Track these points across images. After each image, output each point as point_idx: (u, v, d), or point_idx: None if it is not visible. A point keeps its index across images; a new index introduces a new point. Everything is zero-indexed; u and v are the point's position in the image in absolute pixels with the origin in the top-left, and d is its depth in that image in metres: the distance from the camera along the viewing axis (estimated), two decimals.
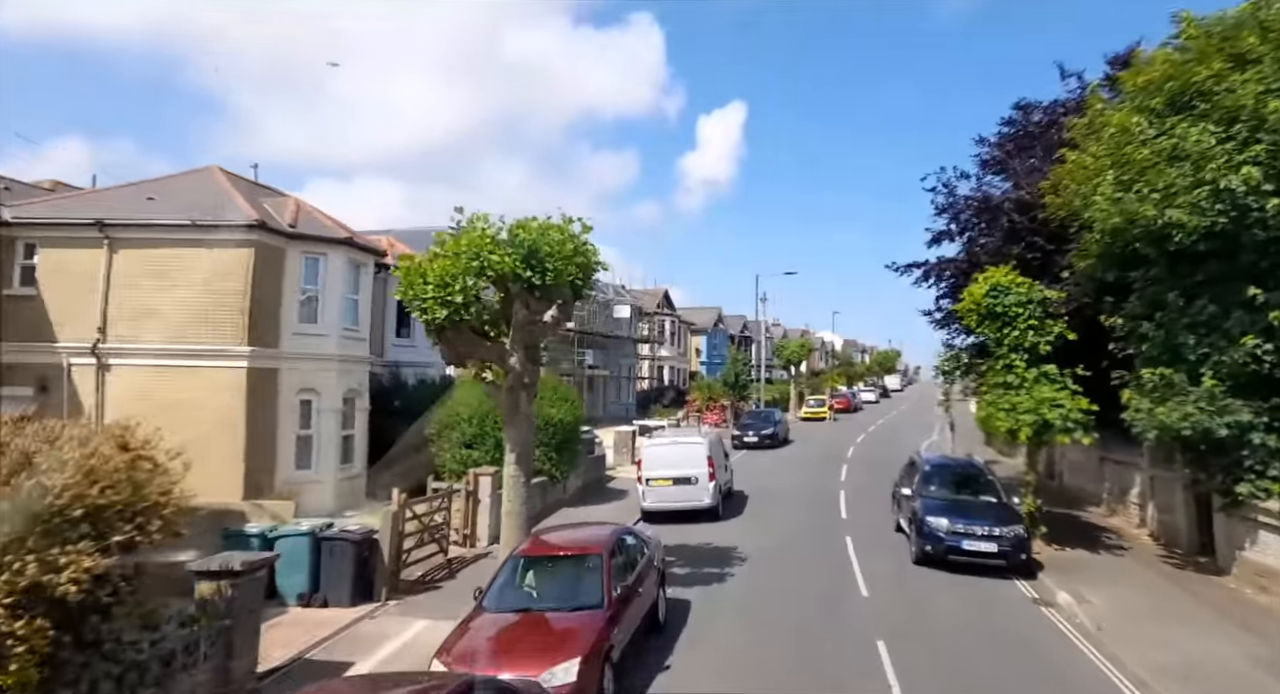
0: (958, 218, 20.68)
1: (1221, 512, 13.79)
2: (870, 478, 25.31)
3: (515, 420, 12.52)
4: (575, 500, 21.32)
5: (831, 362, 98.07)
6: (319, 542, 12.04)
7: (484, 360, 12.85)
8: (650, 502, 18.90)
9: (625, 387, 50.68)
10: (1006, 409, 16.06)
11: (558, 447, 20.15)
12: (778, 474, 26.54)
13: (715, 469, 19.03)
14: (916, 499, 14.42)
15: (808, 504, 20.93)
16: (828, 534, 17.10)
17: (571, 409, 20.93)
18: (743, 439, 34.12)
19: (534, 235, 11.59)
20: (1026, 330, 16.09)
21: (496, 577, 9.90)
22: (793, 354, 55.81)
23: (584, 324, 43.31)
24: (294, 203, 19.13)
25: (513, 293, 11.96)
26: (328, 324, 18.72)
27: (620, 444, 28.96)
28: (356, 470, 19.48)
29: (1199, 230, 12.20)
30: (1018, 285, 16.48)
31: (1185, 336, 13.31)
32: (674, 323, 59.05)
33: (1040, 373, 15.88)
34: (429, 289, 11.52)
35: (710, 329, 67.36)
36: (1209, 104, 12.57)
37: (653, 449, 19.38)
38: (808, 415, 52.05)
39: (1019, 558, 13.05)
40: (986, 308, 16.55)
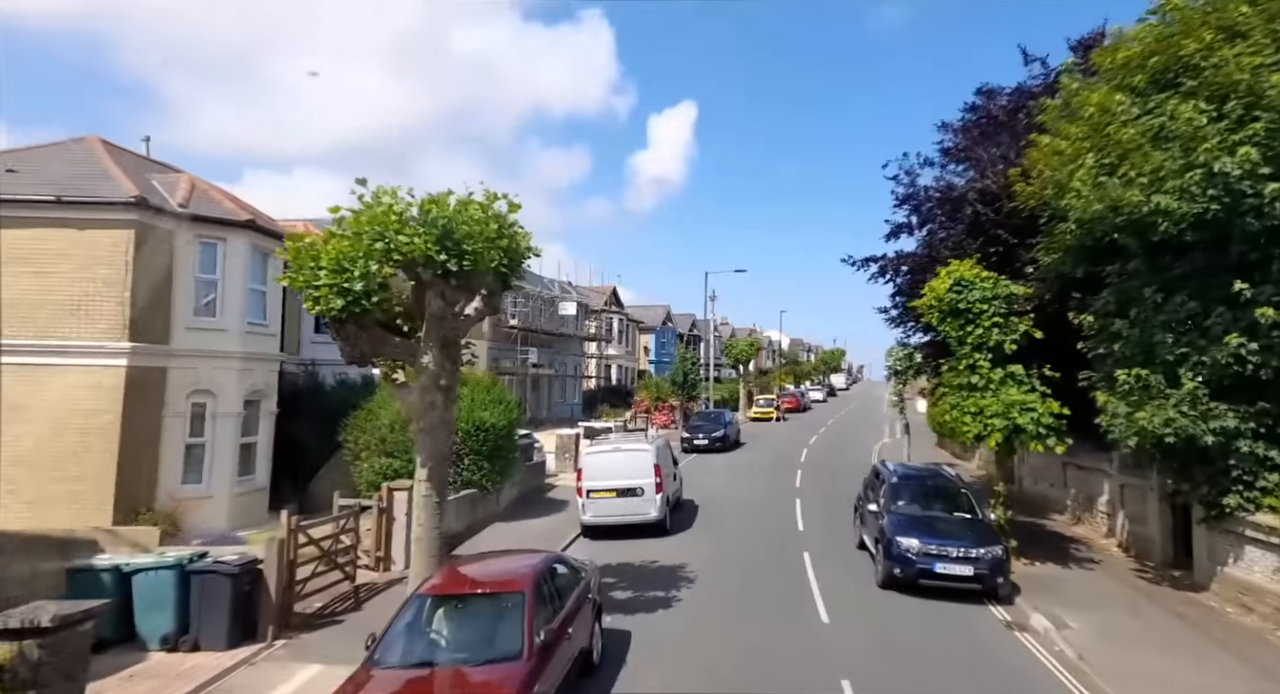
0: (918, 210, 19.63)
1: (1202, 524, 12.87)
2: (826, 484, 24.18)
3: (429, 429, 10.75)
4: (510, 513, 19.57)
5: (779, 360, 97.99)
6: (187, 575, 10.09)
7: (394, 359, 11.06)
8: (591, 515, 17.29)
9: (571, 386, 48.92)
10: (973, 413, 14.96)
11: (490, 454, 18.36)
12: (729, 481, 25.20)
13: (663, 479, 17.52)
14: (883, 515, 13.08)
15: (761, 515, 19.59)
16: (783, 550, 15.74)
17: (506, 412, 19.17)
18: (692, 442, 32.75)
19: (449, 213, 9.85)
20: (991, 328, 14.99)
21: (394, 621, 8.16)
22: (742, 353, 54.81)
23: (528, 321, 41.42)
24: (187, 181, 16.91)
25: (425, 280, 10.20)
26: (228, 318, 16.60)
27: (563, 449, 27.27)
28: (259, 483, 17.37)
29: (1188, 218, 11.17)
30: (982, 280, 15.38)
31: (1162, 335, 12.31)
32: (622, 321, 57.50)
33: (1006, 373, 14.80)
34: (323, 275, 9.69)
35: (659, 327, 66.02)
36: (1197, 80, 11.57)
37: (594, 457, 17.76)
38: (757, 415, 51.11)
39: (996, 582, 11.78)
40: (949, 304, 15.41)
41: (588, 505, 17.32)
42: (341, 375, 21.31)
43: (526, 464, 22.63)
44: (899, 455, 30.21)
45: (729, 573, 14.06)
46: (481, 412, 18.52)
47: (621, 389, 54.25)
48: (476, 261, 9.97)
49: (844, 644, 10.49)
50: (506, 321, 40.10)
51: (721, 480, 25.14)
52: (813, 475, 26.01)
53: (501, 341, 40.02)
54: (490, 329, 39.50)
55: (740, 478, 25.84)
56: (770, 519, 18.97)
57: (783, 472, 26.93)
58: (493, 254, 10.16)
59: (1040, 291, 16.18)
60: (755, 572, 14.12)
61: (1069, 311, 14.47)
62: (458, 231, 9.80)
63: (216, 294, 16.45)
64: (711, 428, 33.42)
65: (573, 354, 48.42)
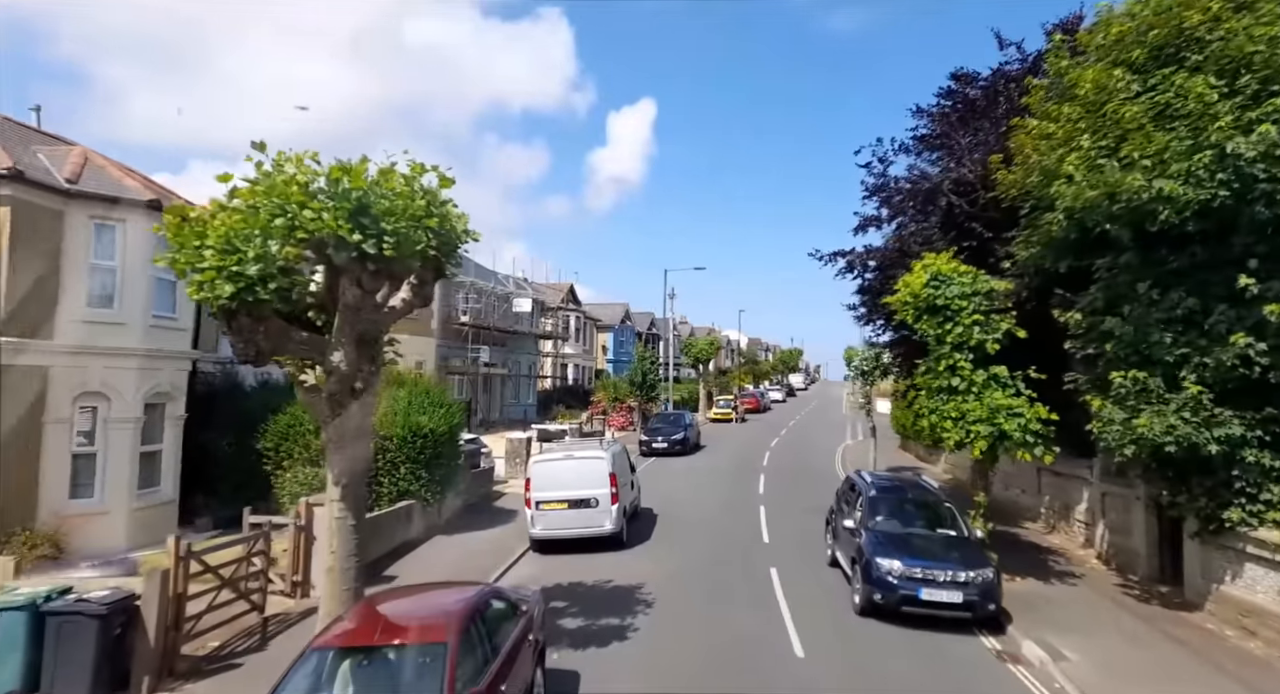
0: (889, 201, 18.58)
1: (1196, 538, 11.97)
2: (791, 490, 23.06)
3: (341, 440, 9.17)
4: (453, 525, 17.95)
5: (738, 360, 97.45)
6: (42, 617, 8.36)
7: (302, 358, 9.43)
8: (541, 528, 15.82)
9: (526, 386, 47.22)
10: (954, 417, 13.91)
11: (429, 462, 16.74)
12: (690, 487, 23.90)
13: (619, 488, 16.12)
14: (861, 532, 11.86)
15: (724, 525, 18.32)
16: (750, 567, 14.47)
17: (447, 416, 17.56)
18: (651, 445, 31.41)
19: (364, 185, 8.28)
20: (972, 326, 13.95)
21: (284, 682, 6.60)
22: (701, 352, 53.75)
23: (480, 318, 39.63)
24: (79, 154, 14.94)
25: (337, 264, 8.61)
26: (128, 310, 14.70)
27: (513, 453, 25.67)
28: (165, 496, 15.49)
29: (1192, 205, 10.19)
30: (961, 275, 14.34)
31: (1160, 334, 11.36)
32: (579, 318, 55.94)
33: (990, 375, 13.77)
34: (209, 255, 8.04)
35: (617, 326, 64.62)
36: (1202, 54, 10.62)
37: (544, 465, 16.26)
38: (716, 417, 50.09)
39: (988, 609, 10.64)
40: (926, 300, 14.33)
41: (537, 518, 15.85)
42: (264, 375, 19.41)
43: (473, 471, 21.02)
44: (864, 458, 29.36)
45: (691, 594, 12.73)
46: (420, 416, 16.90)
47: (579, 389, 52.72)
48: (399, 244, 8.41)
49: (823, 683, 9.23)
50: (457, 318, 38.28)
51: (682, 486, 23.85)
52: (777, 480, 24.89)
53: (451, 339, 38.19)
54: (440, 327, 37.67)
55: (701, 483, 24.59)
56: (734, 530, 17.71)
57: (745, 477, 25.76)
58: (419, 235, 8.60)
59: (1017, 288, 15.24)
60: (720, 593, 12.81)
61: (1052, 309, 13.48)
62: (375, 206, 8.24)
63: (115, 283, 14.55)
64: (671, 430, 32.14)
65: (527, 353, 46.74)
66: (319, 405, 9.22)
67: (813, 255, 19.18)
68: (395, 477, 16.39)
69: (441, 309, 37.88)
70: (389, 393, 17.46)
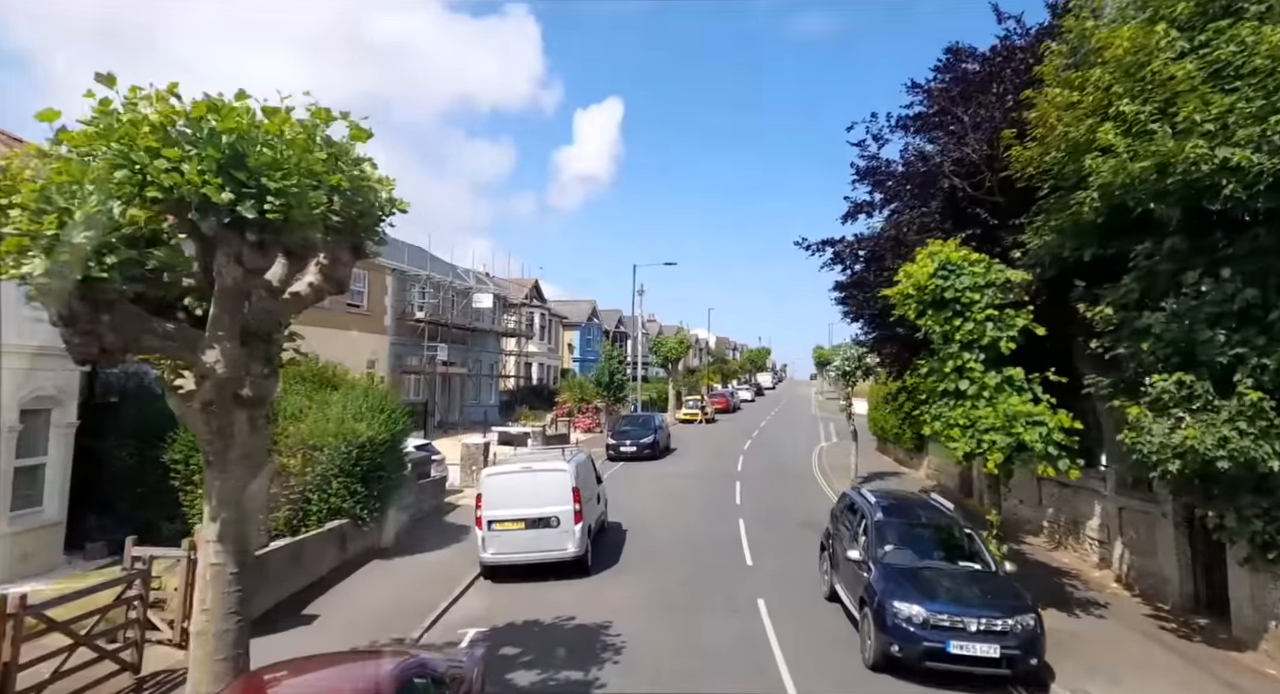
0: (882, 184, 16.90)
1: (1246, 565, 10.44)
2: (770, 500, 21.34)
3: (223, 462, 7.11)
4: (397, 546, 15.86)
5: (706, 359, 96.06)
6: None
7: (172, 356, 7.32)
8: (493, 552, 13.83)
9: (487, 386, 44.97)
10: (962, 425, 12.26)
11: (366, 475, 14.64)
12: (661, 497, 22.06)
13: (583, 505, 14.21)
14: (870, 567, 10.05)
15: (701, 543, 16.49)
16: (733, 597, 12.63)
17: (389, 422, 15.46)
18: (618, 449, 29.52)
19: (241, 128, 6.22)
20: (984, 322, 12.32)
21: None
22: (671, 351, 52.01)
23: (437, 314, 37.36)
24: None
25: (206, 233, 6.55)
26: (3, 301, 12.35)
27: (469, 460, 23.56)
28: (48, 518, 13.17)
29: (1266, 177, 8.60)
30: (972, 264, 12.69)
31: (1210, 331, 9.80)
32: (544, 315, 53.79)
33: (1004, 378, 12.15)
34: (15, 219, 5.93)
35: (584, 323, 62.58)
36: (1262, 3, 9.05)
37: (498, 479, 14.26)
38: (686, 417, 48.41)
39: (1030, 664, 8.80)
40: (932, 293, 12.66)
41: (489, 540, 13.85)
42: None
43: (421, 482, 18.91)
44: (843, 461, 27.85)
45: (667, 636, 10.84)
46: (356, 423, 14.80)
47: (543, 389, 50.61)
48: (290, 207, 6.36)
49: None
50: (412, 314, 35.96)
51: (652, 496, 22.00)
52: (754, 489, 23.16)
53: (407, 337, 35.88)
54: (394, 323, 35.34)
55: (674, 493, 22.76)
56: (712, 549, 15.89)
57: (720, 484, 24.00)
58: (317, 197, 6.57)
59: (1033, 279, 13.66)
60: (702, 636, 10.92)
61: (1077, 303, 11.88)
62: (255, 157, 6.18)
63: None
64: (640, 433, 30.27)
65: (489, 351, 44.51)
66: (193, 418, 7.15)
67: (799, 244, 17.47)
68: (326, 493, 14.28)
69: (396, 304, 35.57)
70: (321, 397, 15.32)
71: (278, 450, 14.14)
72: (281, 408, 14.76)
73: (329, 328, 30.88)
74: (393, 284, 35.35)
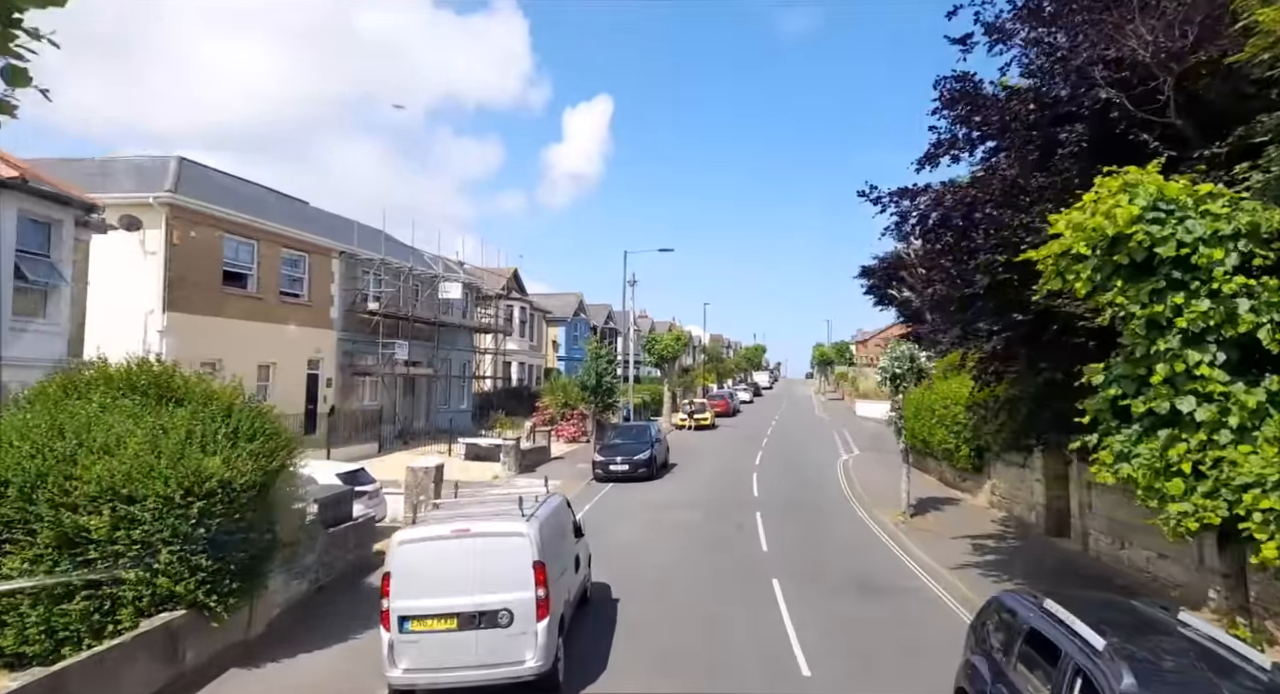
0: (980, 110, 11.75)
1: None
2: (807, 545, 16.16)
3: None
4: (272, 641, 10.65)
5: (699, 358, 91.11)
6: None
7: None
8: (406, 669, 8.67)
9: (458, 389, 39.69)
10: (1182, 472, 7.26)
11: (217, 538, 9.40)
12: (662, 539, 16.92)
13: (552, 586, 9.07)
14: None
15: (723, 625, 11.32)
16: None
17: (265, 453, 10.22)
18: (607, 468, 24.39)
19: None
20: (1235, 298, 7.30)
21: None
22: (667, 349, 46.88)
23: (395, 305, 32.09)
24: None
25: None
26: None
27: (416, 488, 18.27)
28: None
29: None
30: (1206, 200, 7.66)
31: None
32: (525, 309, 48.53)
33: (1271, 395, 7.14)
34: None
35: (570, 319, 57.33)
36: None
37: (416, 549, 9.03)
38: (684, 423, 43.36)
39: None
40: (1133, 249, 7.62)
41: (401, 648, 8.69)
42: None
43: (334, 529, 13.69)
44: (879, 483, 22.89)
45: None
46: (206, 457, 9.56)
47: (523, 391, 45.39)
48: None
49: None
50: (364, 305, 30.65)
51: (650, 537, 16.89)
52: (781, 527, 18.04)
53: (358, 331, 30.58)
54: (343, 316, 30.05)
55: (678, 530, 17.63)
56: (741, 642, 10.75)
57: (736, 518, 18.88)
58: None
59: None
60: None
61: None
62: None
63: None
64: (633, 448, 25.14)
65: (460, 349, 39.19)
66: None
67: (864, 195, 12.31)
68: (150, 569, 9.05)
69: (346, 294, 30.27)
70: (153, 419, 10.05)
71: (67, 504, 8.93)
72: (86, 434, 9.54)
73: (258, 322, 25.60)
74: (341, 270, 30.05)
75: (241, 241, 25.20)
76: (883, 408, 55.71)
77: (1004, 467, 20.09)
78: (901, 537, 16.91)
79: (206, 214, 23.32)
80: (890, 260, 30.38)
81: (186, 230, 22.69)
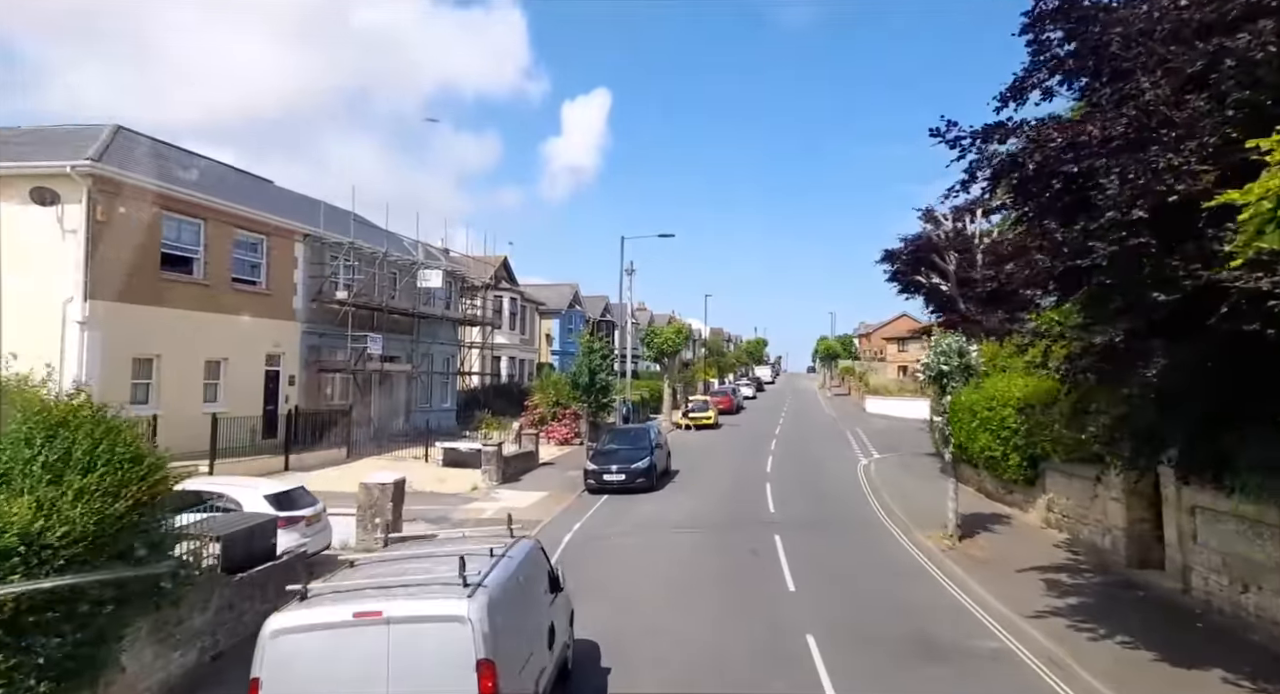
0: (1094, 20, 8.70)
1: None
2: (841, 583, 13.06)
3: None
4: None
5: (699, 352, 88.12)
6: None
7: None
8: None
9: (441, 386, 36.67)
10: None
11: (20, 621, 6.41)
12: (666, 573, 13.91)
13: (503, 678, 6.09)
14: None
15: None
16: None
17: (105, 489, 7.22)
18: (601, 478, 21.45)
19: None
20: None
21: None
22: (667, 342, 43.86)
23: (368, 295, 29.07)
24: None
25: None
26: None
27: (371, 508, 15.30)
28: None
29: None
30: None
31: None
32: (515, 300, 45.48)
33: None
34: None
35: (565, 311, 54.32)
36: None
37: (300, 642, 6.07)
38: (688, 422, 40.41)
39: None
40: None
41: None
42: None
43: (243, 575, 10.66)
44: (911, 496, 19.99)
45: None
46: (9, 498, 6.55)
47: (514, 388, 42.40)
48: None
49: None
50: (331, 294, 27.61)
51: (650, 573, 13.91)
52: (809, 555, 15.03)
53: (324, 322, 27.57)
54: (308, 306, 27.04)
55: (684, 564, 14.62)
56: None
57: (750, 542, 15.91)
58: None
59: None
60: None
61: None
62: None
63: None
64: (631, 454, 22.18)
65: (443, 342, 36.15)
66: None
67: (938, 134, 9.18)
68: None
69: (311, 282, 27.25)
70: None
71: None
72: None
73: (206, 312, 22.56)
74: (305, 254, 27.02)
75: (185, 221, 22.15)
76: (897, 406, 53.05)
77: (1064, 480, 17.11)
78: (955, 569, 13.95)
79: (140, 188, 20.26)
80: (919, 242, 27.40)
81: (114, 206, 19.62)
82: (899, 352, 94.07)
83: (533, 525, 16.78)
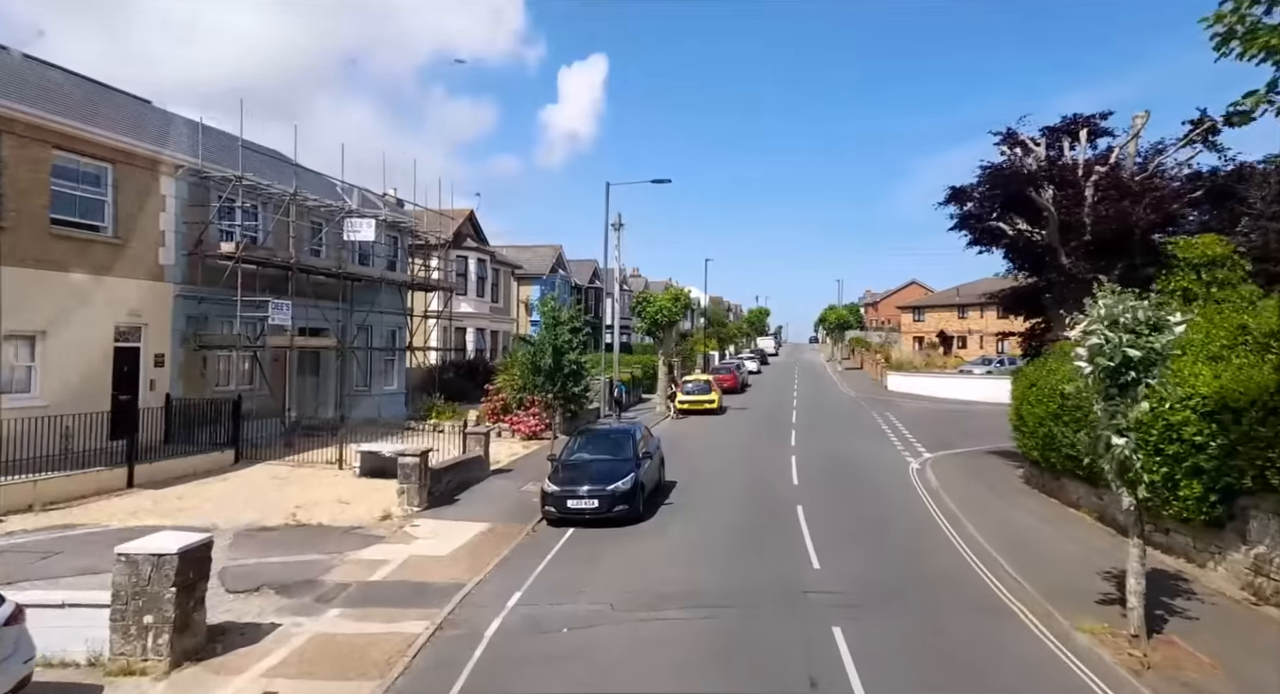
0: None
1: None
2: None
3: None
4: None
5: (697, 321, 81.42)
6: None
7: None
8: None
9: (384, 365, 30.07)
10: None
11: None
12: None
13: None
14: None
15: None
16: None
17: None
18: (564, 505, 14.93)
19: None
20: None
21: None
22: (662, 311, 37.18)
23: (272, 248, 22.38)
24: None
25: None
26: None
27: (136, 595, 8.77)
28: None
29: None
30: None
31: None
32: (484, 263, 38.69)
33: None
34: None
35: (546, 275, 47.54)
36: None
37: None
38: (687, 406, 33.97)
39: None
40: None
41: None
42: None
43: None
44: (988, 514, 13.67)
45: None
46: None
47: (481, 365, 35.86)
48: None
49: None
50: (213, 247, 20.92)
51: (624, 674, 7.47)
52: (894, 663, 8.64)
53: (211, 286, 20.89)
54: (181, 260, 20.37)
55: (677, 658, 8.19)
56: None
57: (796, 646, 9.42)
58: None
59: None
60: None
61: None
62: None
63: None
64: (606, 469, 15.57)
65: (386, 311, 29.42)
66: None
67: None
68: None
69: (189, 230, 20.53)
70: None
71: None
72: None
73: (7, 265, 15.98)
74: (180, 193, 20.24)
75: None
76: (926, 384, 46.43)
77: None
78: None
79: None
80: (1003, 172, 20.36)
81: None
82: (914, 322, 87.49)
83: (442, 598, 10.45)
